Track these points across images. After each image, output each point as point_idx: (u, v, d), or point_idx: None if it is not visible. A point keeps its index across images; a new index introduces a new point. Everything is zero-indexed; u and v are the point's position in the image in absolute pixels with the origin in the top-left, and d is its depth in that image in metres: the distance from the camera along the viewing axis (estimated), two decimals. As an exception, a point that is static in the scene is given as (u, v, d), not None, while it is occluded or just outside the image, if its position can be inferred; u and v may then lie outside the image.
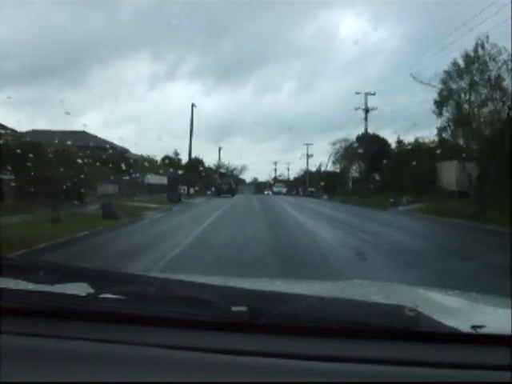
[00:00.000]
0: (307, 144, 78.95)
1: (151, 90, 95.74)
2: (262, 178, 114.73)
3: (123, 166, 28.86)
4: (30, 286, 1.34)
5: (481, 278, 6.90)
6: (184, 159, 62.53)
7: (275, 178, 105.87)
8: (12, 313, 1.21)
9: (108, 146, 29.52)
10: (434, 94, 23.29)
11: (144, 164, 39.00)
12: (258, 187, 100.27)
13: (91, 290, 1.26)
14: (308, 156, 77.89)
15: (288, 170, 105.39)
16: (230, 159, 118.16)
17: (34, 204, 16.99)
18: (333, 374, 1.05)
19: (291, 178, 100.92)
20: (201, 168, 59.54)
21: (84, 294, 1.25)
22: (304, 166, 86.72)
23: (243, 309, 1.18)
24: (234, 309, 1.19)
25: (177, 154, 63.53)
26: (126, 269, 6.77)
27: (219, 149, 75.46)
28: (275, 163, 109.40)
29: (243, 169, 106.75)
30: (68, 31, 78.33)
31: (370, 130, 50.74)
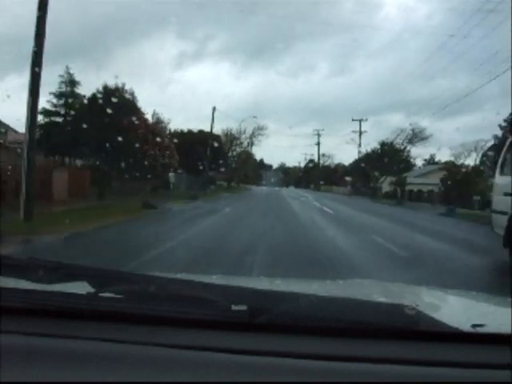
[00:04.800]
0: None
1: (177, 70, 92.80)
2: (290, 163, 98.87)
3: None
4: (30, 286, 1.34)
5: None
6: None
7: (311, 161, 79.60)
8: (12, 312, 1.21)
9: None
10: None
11: None
12: (287, 176, 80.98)
13: (92, 289, 1.26)
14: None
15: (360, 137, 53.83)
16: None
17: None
18: (333, 373, 1.05)
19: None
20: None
21: (84, 293, 1.25)
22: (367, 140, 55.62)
23: (243, 308, 1.18)
24: (234, 308, 1.19)
25: (73, 82, 31.73)
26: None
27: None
28: (318, 133, 69.70)
29: (256, 133, 56.44)
30: (90, 10, 76.36)
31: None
